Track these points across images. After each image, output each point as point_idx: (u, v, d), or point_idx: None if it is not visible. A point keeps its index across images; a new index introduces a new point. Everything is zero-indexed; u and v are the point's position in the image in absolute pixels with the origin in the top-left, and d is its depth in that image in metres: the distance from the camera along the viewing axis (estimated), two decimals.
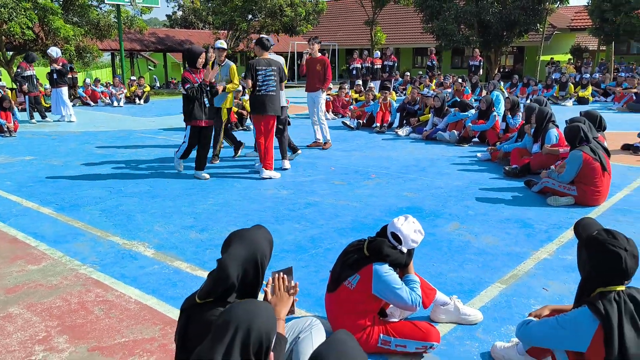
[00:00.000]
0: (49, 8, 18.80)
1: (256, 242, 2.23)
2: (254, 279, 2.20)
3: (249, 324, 1.71)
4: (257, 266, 2.20)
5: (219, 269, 2.16)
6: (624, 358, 2.06)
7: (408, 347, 2.81)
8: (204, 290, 2.17)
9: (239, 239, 2.25)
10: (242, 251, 2.15)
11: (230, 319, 1.72)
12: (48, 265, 4.13)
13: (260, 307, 1.79)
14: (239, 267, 2.15)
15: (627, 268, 2.15)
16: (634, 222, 5.01)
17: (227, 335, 1.70)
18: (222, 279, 2.14)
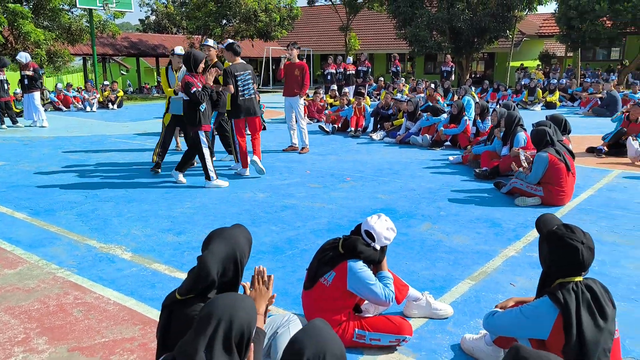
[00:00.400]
0: (19, 12, 18.50)
1: (236, 240, 2.32)
2: (233, 276, 2.29)
3: (231, 316, 1.80)
4: (237, 264, 2.28)
5: (199, 266, 2.24)
6: (582, 343, 2.21)
7: (382, 341, 2.93)
8: (185, 287, 2.25)
9: (219, 237, 2.34)
10: (222, 249, 2.24)
11: (212, 311, 1.81)
12: (24, 269, 4.13)
13: (241, 300, 1.88)
14: (219, 264, 2.23)
15: (584, 260, 2.30)
16: (596, 221, 5.24)
17: (210, 328, 1.78)
18: (202, 276, 2.22)
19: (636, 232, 4.88)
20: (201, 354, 1.75)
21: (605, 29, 21.33)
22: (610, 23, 21.66)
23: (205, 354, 1.75)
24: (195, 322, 1.84)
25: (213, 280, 2.22)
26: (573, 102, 17.60)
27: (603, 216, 5.39)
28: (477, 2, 24.22)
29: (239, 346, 1.79)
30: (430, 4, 25.54)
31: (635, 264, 4.16)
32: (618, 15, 20.38)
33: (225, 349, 1.77)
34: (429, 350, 2.97)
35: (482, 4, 24.20)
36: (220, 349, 1.76)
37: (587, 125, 12.73)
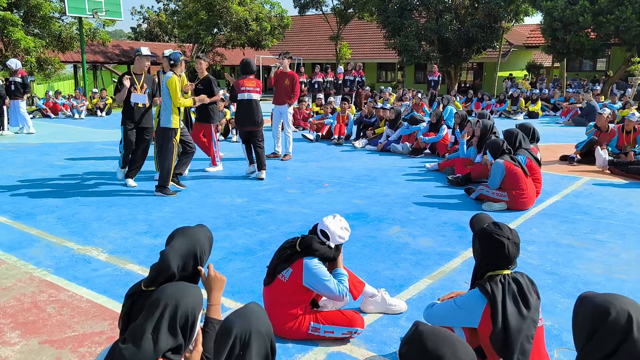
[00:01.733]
0: (9, 19, 18.65)
1: (196, 238, 2.52)
2: (192, 271, 2.48)
3: (177, 302, 1.99)
4: (196, 260, 2.48)
5: (161, 260, 2.43)
6: (506, 330, 2.41)
7: (335, 333, 3.12)
8: (148, 279, 2.44)
9: (181, 234, 2.54)
10: (183, 245, 2.43)
11: (160, 297, 2.00)
12: (2, 269, 4.29)
13: (188, 288, 2.07)
14: (179, 259, 2.43)
15: (510, 253, 2.51)
16: (557, 225, 5.46)
17: (157, 311, 1.97)
18: (163, 269, 2.41)
19: (592, 236, 5.11)
20: (148, 336, 1.93)
21: (589, 41, 21.75)
22: (594, 35, 22.11)
23: (152, 336, 1.93)
24: (146, 306, 2.02)
25: (173, 273, 2.40)
26: (555, 111, 17.94)
27: (564, 220, 5.62)
28: (465, 13, 24.65)
29: (183, 329, 1.98)
30: (419, 15, 25.95)
31: (586, 264, 4.38)
32: (601, 27, 20.79)
33: (171, 331, 1.95)
34: (379, 342, 3.16)
35: (469, 15, 24.63)
36: (166, 331, 1.95)
37: (565, 134, 13.03)
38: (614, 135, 9.12)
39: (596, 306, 1.73)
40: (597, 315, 1.71)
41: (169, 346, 1.96)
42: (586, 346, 1.72)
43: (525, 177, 5.89)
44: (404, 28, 24.75)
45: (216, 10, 24.97)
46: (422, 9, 25.39)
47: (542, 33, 23.68)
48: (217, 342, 1.79)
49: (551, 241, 4.96)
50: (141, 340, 1.93)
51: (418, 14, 25.93)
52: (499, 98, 18.86)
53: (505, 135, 6.61)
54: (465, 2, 24.20)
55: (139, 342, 1.92)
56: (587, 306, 1.75)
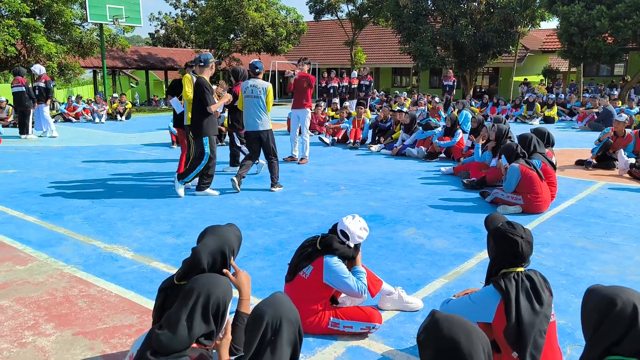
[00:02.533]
0: (32, 26, 19.12)
1: (226, 236, 2.68)
2: (220, 267, 2.63)
3: (209, 291, 2.14)
4: (225, 257, 2.63)
5: (192, 256, 2.59)
6: (520, 325, 2.52)
7: (354, 328, 3.24)
8: (180, 274, 2.60)
9: (211, 232, 2.70)
10: (213, 243, 2.59)
11: (194, 286, 2.15)
12: (34, 266, 4.48)
13: (219, 278, 2.22)
14: (209, 256, 2.59)
15: (523, 252, 2.62)
16: (571, 228, 5.53)
17: (191, 299, 2.12)
18: (194, 265, 2.57)
19: (606, 239, 5.17)
20: (183, 322, 2.08)
21: (606, 45, 21.61)
22: (612, 39, 21.98)
23: (186, 322, 2.09)
24: (180, 295, 2.18)
25: (203, 268, 2.56)
26: (572, 116, 17.88)
27: (579, 223, 5.68)
28: (481, 17, 24.65)
29: (215, 317, 2.13)
30: (434, 20, 26.00)
31: (600, 266, 4.45)
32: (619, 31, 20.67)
33: (204, 318, 2.11)
34: (396, 337, 3.28)
35: (485, 20, 24.63)
36: (199, 318, 2.10)
37: (581, 139, 13.01)
38: (631, 140, 9.13)
39: (603, 297, 1.83)
40: (604, 306, 1.82)
41: (202, 332, 2.11)
42: (594, 335, 1.83)
43: (540, 181, 5.97)
44: (419, 33, 24.82)
45: (233, 16, 25.31)
46: (438, 14, 25.45)
47: (559, 38, 23.58)
48: (248, 329, 1.93)
49: (565, 244, 5.04)
50: (177, 326, 2.08)
51: (433, 19, 25.98)
52: (514, 103, 18.84)
53: (519, 139, 6.69)
54: (480, 7, 24.21)
55: (174, 328, 2.08)
56: (595, 298, 1.86)
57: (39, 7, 20.26)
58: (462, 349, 1.68)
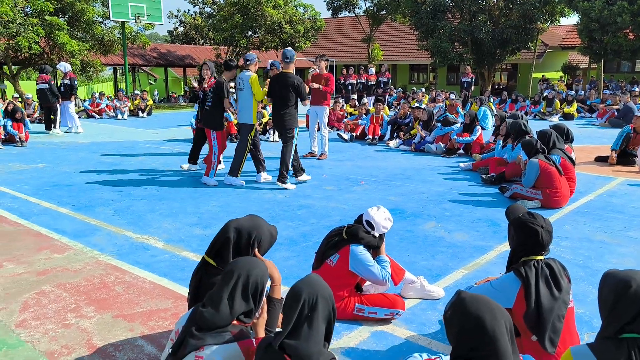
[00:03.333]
0: (56, 24, 19.53)
1: (260, 225, 2.86)
2: (244, 249, 2.79)
3: (248, 272, 2.31)
4: (250, 240, 2.78)
5: (223, 226, 2.79)
6: (539, 310, 2.65)
7: (378, 314, 3.40)
8: (210, 246, 2.80)
9: (251, 217, 2.91)
10: (245, 223, 2.79)
11: (234, 268, 2.33)
12: (71, 254, 4.71)
13: (257, 262, 2.40)
14: (236, 231, 2.77)
15: (543, 240, 2.75)
16: (589, 222, 5.61)
17: (232, 280, 2.29)
18: (220, 233, 2.79)
19: (625, 233, 5.25)
20: (225, 301, 2.26)
21: (628, 41, 21.39)
22: (633, 35, 21.74)
23: (228, 301, 2.26)
24: (221, 276, 2.35)
25: (227, 238, 2.73)
26: (592, 113, 17.76)
27: (597, 218, 5.76)
28: (499, 14, 24.51)
29: (253, 296, 2.30)
30: (452, 16, 25.92)
31: (619, 259, 4.54)
32: None
33: (244, 297, 2.28)
34: (419, 323, 3.43)
35: (504, 16, 24.47)
36: (240, 297, 2.27)
37: (601, 135, 12.97)
38: None
39: (619, 280, 1.96)
40: (619, 288, 1.95)
41: (242, 310, 2.29)
42: (609, 315, 1.96)
43: (560, 176, 6.05)
44: (437, 29, 24.77)
45: (251, 13, 25.51)
46: (456, 11, 25.37)
47: (579, 34, 23.39)
48: (287, 305, 2.09)
49: (584, 237, 5.13)
50: (219, 304, 2.26)
51: (451, 15, 25.90)
52: (533, 100, 18.77)
53: (539, 135, 6.76)
54: (499, 3, 24.09)
55: (217, 306, 2.26)
56: (611, 280, 1.99)
57: (62, 5, 20.67)
58: (487, 326, 1.82)
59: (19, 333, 3.30)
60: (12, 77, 21.45)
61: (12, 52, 19.65)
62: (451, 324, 1.92)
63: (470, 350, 1.83)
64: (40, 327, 3.38)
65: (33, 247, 4.89)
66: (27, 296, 3.83)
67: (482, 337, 1.81)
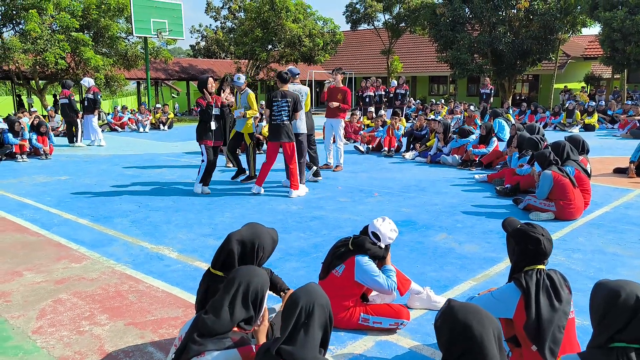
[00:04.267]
0: (81, 40, 20.12)
1: (260, 233, 2.95)
2: (248, 258, 2.88)
3: (249, 280, 2.39)
4: (254, 250, 2.87)
5: (225, 239, 2.87)
6: (539, 320, 2.66)
7: (383, 324, 3.44)
8: (213, 258, 2.89)
9: (250, 226, 3.00)
10: (246, 233, 2.88)
11: (235, 276, 2.41)
12: (88, 264, 4.85)
13: (257, 270, 2.48)
14: (239, 244, 2.85)
15: (545, 248, 2.77)
16: (603, 234, 5.56)
17: (233, 288, 2.38)
18: (224, 246, 2.89)
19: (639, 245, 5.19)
20: (225, 308, 2.34)
21: None
22: None
23: (228, 308, 2.34)
24: (223, 284, 2.43)
25: (231, 250, 2.82)
26: (613, 124, 17.52)
27: (611, 230, 5.70)
28: (520, 24, 24.42)
29: (254, 304, 2.38)
30: (472, 27, 25.92)
31: (630, 271, 4.49)
32: None
33: (244, 305, 2.36)
34: (424, 333, 3.45)
35: (524, 27, 24.38)
36: (240, 304, 2.35)
37: (622, 147, 12.79)
38: None
39: (609, 290, 1.99)
40: (610, 297, 1.97)
41: (242, 317, 2.36)
42: (600, 324, 1.98)
43: (573, 188, 6.01)
44: (457, 41, 24.80)
45: (271, 27, 25.90)
46: (475, 22, 25.37)
47: (601, 44, 23.16)
48: (285, 312, 2.16)
49: (597, 249, 5.09)
50: (220, 311, 2.34)
51: (471, 26, 25.90)
52: (553, 110, 18.60)
53: (552, 147, 6.74)
54: (519, 14, 24.01)
55: (218, 313, 2.34)
56: (602, 290, 2.02)
57: (87, 22, 21.29)
58: (475, 334, 1.86)
59: (35, 339, 3.43)
60: (39, 91, 22.10)
61: (39, 68, 20.27)
62: (441, 332, 1.96)
63: (458, 357, 1.87)
64: (55, 333, 3.50)
65: (52, 257, 5.05)
66: (45, 304, 3.97)
67: (470, 345, 1.85)
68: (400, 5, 30.26)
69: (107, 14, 21.26)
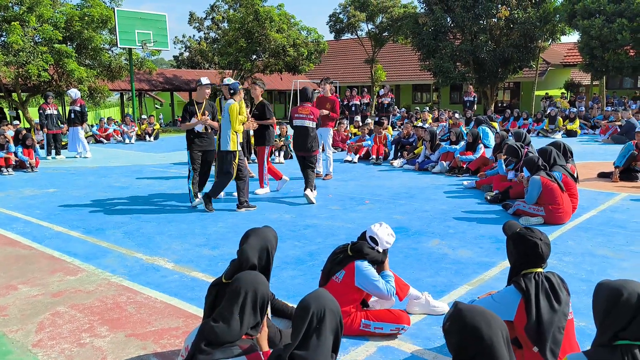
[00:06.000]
0: (64, 52, 19.93)
1: (267, 236, 3.03)
2: (265, 263, 2.95)
3: (255, 288, 2.44)
4: (268, 254, 2.96)
5: (241, 255, 2.91)
6: (539, 322, 2.74)
7: (384, 329, 3.48)
8: (230, 272, 2.91)
9: (254, 234, 3.04)
10: (257, 242, 2.92)
11: (240, 285, 2.45)
12: (83, 276, 4.83)
13: (259, 276, 2.54)
14: (256, 254, 2.91)
15: (543, 252, 2.85)
16: (592, 237, 5.68)
17: (241, 297, 2.41)
18: (243, 262, 2.89)
19: (628, 247, 5.32)
20: (235, 317, 2.37)
21: (629, 58, 21.57)
22: (634, 52, 21.94)
23: (238, 317, 2.37)
24: (228, 294, 2.46)
25: (254, 264, 2.88)
26: (594, 130, 17.87)
27: (600, 233, 5.83)
28: (500, 33, 24.81)
29: (261, 309, 2.42)
30: (454, 36, 26.26)
31: (620, 273, 4.60)
32: None
33: (253, 312, 2.39)
34: (424, 338, 3.50)
35: (505, 35, 24.78)
36: (250, 312, 2.39)
37: (604, 152, 13.05)
38: None
39: (612, 289, 2.06)
40: (612, 297, 2.04)
41: (252, 324, 2.40)
42: (603, 322, 2.05)
43: (562, 192, 6.14)
44: (439, 50, 25.09)
45: (255, 37, 25.96)
46: (457, 31, 25.71)
47: (580, 51, 23.60)
48: (296, 318, 2.20)
49: (586, 252, 5.20)
50: (230, 320, 2.37)
51: (453, 35, 26.24)
52: (536, 117, 18.91)
53: (540, 152, 6.87)
54: (500, 23, 24.41)
55: (228, 322, 2.37)
56: (604, 289, 2.09)
57: (71, 33, 21.11)
58: (484, 335, 1.92)
59: (35, 352, 3.41)
60: (21, 104, 21.84)
61: (21, 80, 20.04)
62: (450, 335, 2.01)
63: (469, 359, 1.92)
64: (56, 346, 3.48)
65: (47, 270, 5.02)
66: (43, 317, 3.94)
67: (480, 346, 1.90)
68: (383, 15, 30.59)
69: (91, 25, 21.13)
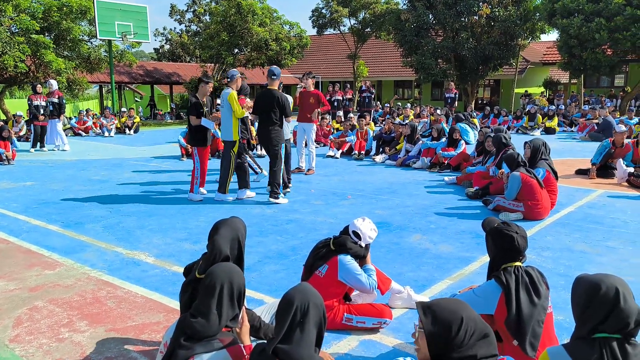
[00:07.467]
0: (42, 42, 19.52)
1: (236, 226, 3.03)
2: (238, 253, 2.94)
3: (230, 279, 2.43)
4: (240, 244, 2.95)
5: (213, 247, 2.89)
6: (519, 315, 2.77)
7: (367, 323, 3.50)
8: (203, 266, 2.87)
9: (223, 225, 3.02)
10: (228, 233, 2.91)
11: (215, 278, 2.43)
12: (62, 270, 4.75)
13: (233, 267, 2.54)
14: (227, 244, 2.88)
15: (519, 245, 2.89)
16: (570, 233, 5.78)
17: (217, 290, 2.40)
18: (216, 254, 2.87)
19: (604, 243, 5.42)
20: (213, 311, 2.37)
21: (606, 57, 21.94)
22: (611, 51, 22.31)
23: (217, 310, 2.36)
24: (203, 288, 2.44)
25: (227, 256, 2.86)
26: (572, 127, 18.15)
27: (577, 229, 5.93)
28: (481, 31, 25.03)
29: (238, 301, 2.43)
30: (436, 33, 26.42)
31: (598, 268, 4.69)
32: (618, 43, 21.01)
33: (231, 304, 2.39)
34: (406, 332, 3.53)
35: (486, 33, 25.01)
36: (227, 304, 2.39)
37: (582, 149, 13.28)
38: (629, 150, 9.38)
39: (590, 283, 2.09)
40: (591, 290, 2.08)
41: (230, 317, 2.40)
42: (582, 315, 2.09)
43: (540, 189, 6.23)
44: (421, 46, 25.22)
45: (237, 31, 25.76)
46: (439, 28, 25.87)
47: (559, 50, 23.93)
48: (280, 312, 2.19)
49: (564, 247, 5.29)
50: (208, 315, 2.36)
51: (434, 32, 26.40)
52: (515, 114, 19.14)
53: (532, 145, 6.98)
54: (481, 20, 24.62)
55: (207, 317, 2.36)
56: (583, 283, 2.12)
57: (48, 24, 20.69)
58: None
59: (13, 348, 3.35)
60: None
61: None
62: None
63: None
64: (34, 341, 3.43)
65: (24, 264, 4.93)
66: (20, 312, 3.88)
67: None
68: (365, 10, 30.63)
69: (69, 16, 20.72)
